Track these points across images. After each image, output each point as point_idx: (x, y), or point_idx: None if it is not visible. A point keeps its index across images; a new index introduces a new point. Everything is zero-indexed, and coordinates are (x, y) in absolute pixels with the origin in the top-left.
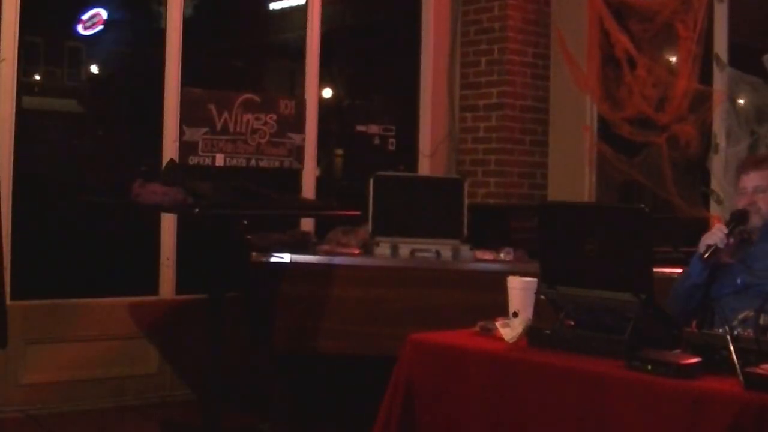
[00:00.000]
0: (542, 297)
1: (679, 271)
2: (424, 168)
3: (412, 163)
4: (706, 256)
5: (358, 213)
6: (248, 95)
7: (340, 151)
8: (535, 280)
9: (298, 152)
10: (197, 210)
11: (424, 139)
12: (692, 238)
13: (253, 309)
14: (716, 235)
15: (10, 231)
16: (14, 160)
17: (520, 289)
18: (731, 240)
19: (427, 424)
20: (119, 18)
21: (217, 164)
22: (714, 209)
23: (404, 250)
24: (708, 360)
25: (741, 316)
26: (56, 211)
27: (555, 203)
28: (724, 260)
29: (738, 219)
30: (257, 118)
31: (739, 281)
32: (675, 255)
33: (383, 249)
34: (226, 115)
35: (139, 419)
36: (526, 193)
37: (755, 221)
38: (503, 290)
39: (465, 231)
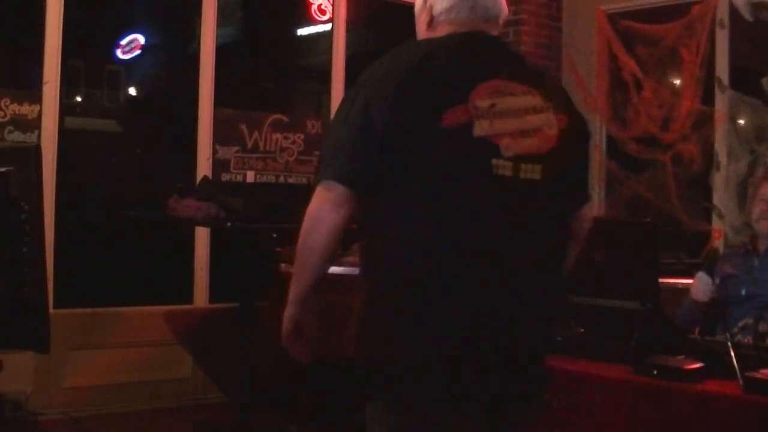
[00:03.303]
0: None
1: (683, 281)
2: None
3: None
4: (704, 310)
5: None
6: (277, 115)
7: None
8: None
9: None
10: (229, 224)
11: None
12: (695, 249)
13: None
14: (704, 291)
15: (53, 243)
16: (57, 176)
17: None
18: (716, 281)
19: None
20: (156, 43)
21: (248, 181)
22: (715, 223)
23: None
24: (710, 365)
25: (741, 323)
26: (96, 225)
27: None
28: (727, 272)
29: (711, 259)
30: (286, 137)
31: (743, 292)
32: (679, 266)
33: None
34: (256, 134)
35: (173, 421)
36: None
37: (765, 228)
38: None
39: None
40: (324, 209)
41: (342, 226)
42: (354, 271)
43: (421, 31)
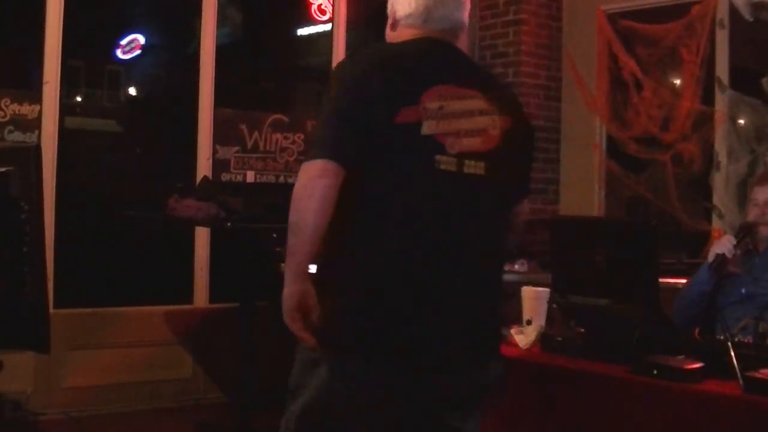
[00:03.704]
0: (554, 306)
1: (683, 281)
2: None
3: None
4: (714, 264)
5: None
6: (277, 116)
7: None
8: (548, 290)
9: None
10: (229, 224)
11: None
12: (695, 249)
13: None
14: (725, 245)
15: (53, 243)
16: (57, 176)
17: (534, 299)
18: (738, 251)
19: None
20: (156, 43)
21: (248, 181)
22: (715, 223)
23: None
24: (710, 365)
25: (741, 323)
26: (96, 225)
27: (566, 217)
28: (731, 270)
29: (745, 231)
30: (285, 137)
31: (743, 291)
32: (679, 266)
33: None
34: (256, 134)
35: (174, 421)
36: (539, 208)
37: (764, 232)
38: (518, 299)
39: None
40: (314, 183)
41: (329, 194)
42: None
43: (387, 31)
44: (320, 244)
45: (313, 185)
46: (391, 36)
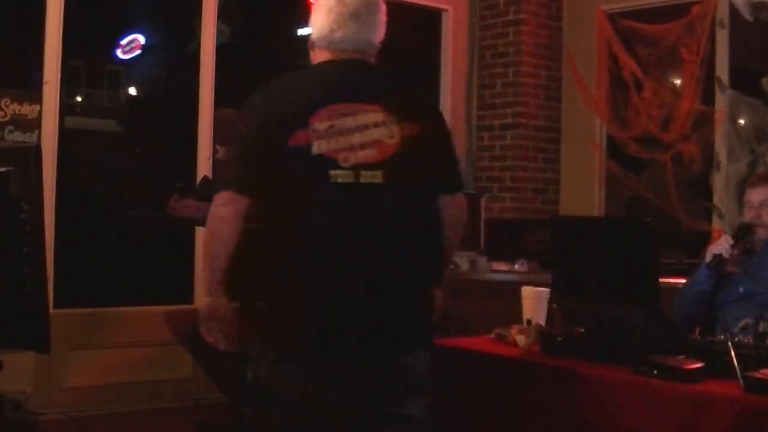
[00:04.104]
0: (554, 306)
1: (683, 281)
2: None
3: None
4: (711, 264)
5: None
6: None
7: None
8: (548, 290)
9: None
10: None
11: None
12: (695, 249)
13: None
14: (722, 245)
15: (53, 243)
16: (57, 176)
17: (534, 299)
18: (735, 251)
19: (448, 422)
20: (156, 43)
21: None
22: (715, 223)
23: None
24: (710, 365)
25: (741, 323)
26: (96, 225)
27: (566, 217)
28: (729, 269)
29: (744, 231)
30: None
31: (741, 290)
32: (679, 266)
33: None
34: None
35: (173, 421)
36: (539, 208)
37: (760, 234)
38: (517, 299)
39: (482, 244)
40: (218, 210)
41: (233, 218)
42: None
43: (309, 52)
44: (229, 262)
45: (216, 213)
46: (312, 56)
